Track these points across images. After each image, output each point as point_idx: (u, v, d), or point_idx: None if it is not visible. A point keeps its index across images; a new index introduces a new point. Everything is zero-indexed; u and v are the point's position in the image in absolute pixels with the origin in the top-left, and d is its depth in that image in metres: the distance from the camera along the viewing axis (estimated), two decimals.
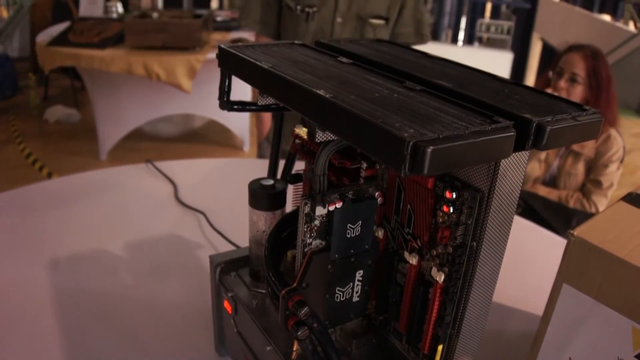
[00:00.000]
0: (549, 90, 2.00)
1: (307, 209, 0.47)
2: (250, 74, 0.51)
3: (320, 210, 0.48)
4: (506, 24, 5.75)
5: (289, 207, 0.63)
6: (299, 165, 0.61)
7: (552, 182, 2.13)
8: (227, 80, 0.56)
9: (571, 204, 2.06)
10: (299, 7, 1.64)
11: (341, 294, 0.52)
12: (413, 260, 0.50)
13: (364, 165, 0.51)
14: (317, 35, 1.67)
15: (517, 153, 0.41)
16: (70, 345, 0.74)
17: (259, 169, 0.79)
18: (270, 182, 0.62)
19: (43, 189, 1.19)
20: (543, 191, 2.11)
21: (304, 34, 1.67)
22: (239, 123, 3.90)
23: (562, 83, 2.01)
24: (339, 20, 1.66)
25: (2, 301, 0.82)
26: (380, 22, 1.70)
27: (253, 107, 0.57)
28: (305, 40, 1.61)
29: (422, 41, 1.79)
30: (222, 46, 0.55)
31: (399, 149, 0.33)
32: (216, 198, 1.16)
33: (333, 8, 1.65)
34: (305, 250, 0.49)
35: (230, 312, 0.65)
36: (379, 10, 1.69)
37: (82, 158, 3.68)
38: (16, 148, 3.87)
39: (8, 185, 1.26)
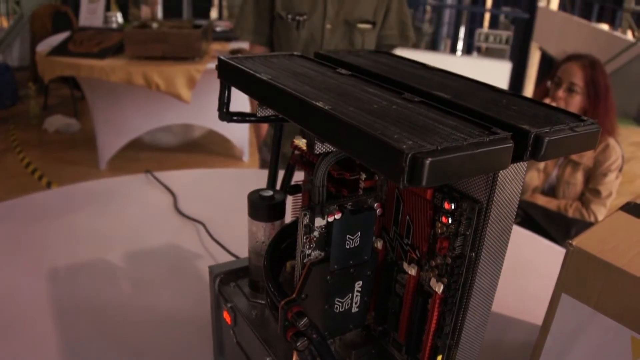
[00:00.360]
0: (547, 100, 2.01)
1: (306, 220, 0.47)
2: (250, 86, 0.51)
3: (319, 222, 0.48)
4: (505, 34, 5.77)
5: (288, 218, 0.63)
6: (299, 176, 0.61)
7: (551, 191, 2.14)
8: (226, 92, 0.57)
9: (570, 213, 2.06)
10: (289, 16, 1.71)
11: (340, 304, 0.52)
12: (412, 271, 0.50)
13: (363, 176, 0.52)
14: (308, 41, 1.73)
15: (515, 164, 0.42)
16: (69, 355, 0.74)
17: (258, 179, 0.79)
18: (270, 193, 0.62)
19: (42, 199, 1.19)
20: (542, 201, 2.11)
21: (296, 41, 1.73)
22: (238, 133, 3.90)
23: (561, 93, 2.02)
24: (328, 26, 1.73)
25: (1, 310, 0.82)
26: (368, 26, 1.77)
27: (252, 119, 0.57)
28: (297, 47, 1.70)
29: (407, 42, 1.87)
30: (222, 57, 0.55)
31: (397, 160, 0.33)
32: (215, 208, 1.16)
33: (322, 15, 1.72)
34: (305, 261, 0.50)
35: (229, 322, 0.65)
36: (365, 15, 1.75)
37: (82, 168, 3.68)
38: (16, 157, 3.87)
39: (7, 194, 1.26)
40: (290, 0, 1.71)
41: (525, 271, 1.00)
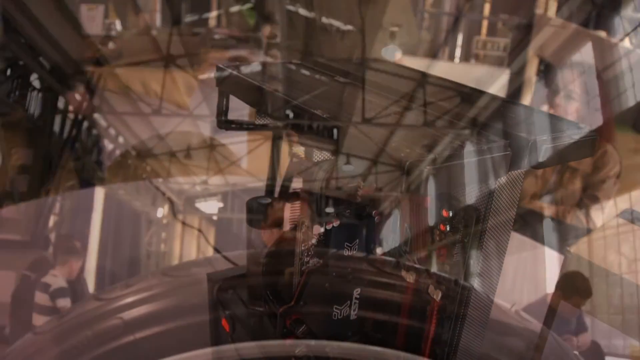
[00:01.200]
0: (545, 107, 2.01)
1: (304, 228, 0.47)
2: (248, 94, 0.51)
3: (317, 229, 0.48)
4: (502, 41, 5.77)
5: (286, 226, 0.63)
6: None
7: (549, 197, 2.13)
8: (224, 100, 0.57)
9: (568, 219, 2.05)
10: (334, 28, 1.77)
11: (339, 311, 0.52)
12: (410, 278, 0.50)
13: (361, 184, 0.52)
14: (352, 49, 1.84)
15: (513, 171, 0.42)
16: None
17: (257, 187, 0.79)
18: (268, 200, 0.62)
19: (42, 206, 1.19)
20: (540, 207, 2.10)
21: (342, 49, 1.86)
22: (237, 141, 3.89)
23: (558, 100, 2.02)
24: (367, 33, 1.81)
25: (0, 314, 0.82)
26: (396, 28, 1.93)
27: (250, 126, 0.57)
28: (342, 55, 1.86)
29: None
30: (221, 66, 0.55)
31: (396, 169, 0.33)
32: (214, 216, 1.16)
33: (360, 24, 1.82)
34: (303, 268, 0.50)
35: (227, 329, 0.65)
36: (393, 18, 1.92)
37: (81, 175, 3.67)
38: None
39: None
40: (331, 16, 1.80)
41: (524, 277, 1.00)
